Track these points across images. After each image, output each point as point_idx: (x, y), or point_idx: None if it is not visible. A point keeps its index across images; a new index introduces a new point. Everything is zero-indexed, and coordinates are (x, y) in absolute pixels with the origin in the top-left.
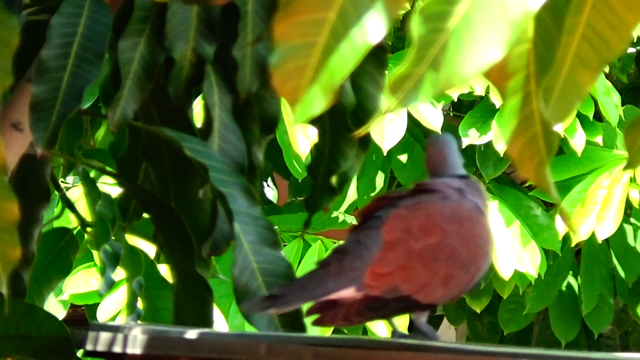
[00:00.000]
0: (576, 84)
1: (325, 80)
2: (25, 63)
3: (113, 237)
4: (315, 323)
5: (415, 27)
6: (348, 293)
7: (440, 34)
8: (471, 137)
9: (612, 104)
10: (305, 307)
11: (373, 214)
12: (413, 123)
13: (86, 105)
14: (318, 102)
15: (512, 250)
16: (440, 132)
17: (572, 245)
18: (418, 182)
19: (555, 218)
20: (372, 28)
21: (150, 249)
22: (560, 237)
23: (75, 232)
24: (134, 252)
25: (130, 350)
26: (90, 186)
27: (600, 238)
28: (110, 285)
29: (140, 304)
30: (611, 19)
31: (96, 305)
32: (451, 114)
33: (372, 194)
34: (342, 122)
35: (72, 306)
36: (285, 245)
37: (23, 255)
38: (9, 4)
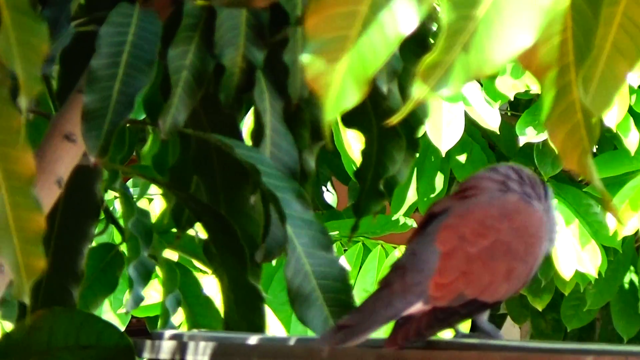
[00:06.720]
0: (614, 74)
1: (358, 72)
2: (75, 74)
3: (147, 254)
4: (389, 345)
5: (445, 14)
6: (416, 309)
7: (470, 21)
8: (528, 135)
9: None
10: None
11: (423, 227)
12: (470, 123)
13: (142, 117)
14: (351, 95)
15: (572, 250)
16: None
17: (619, 239)
18: (462, 182)
19: (607, 214)
20: (404, 19)
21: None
22: (612, 232)
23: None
24: (170, 268)
25: (191, 358)
26: (127, 202)
27: None
28: (139, 302)
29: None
30: None
31: (157, 317)
32: (509, 114)
33: (432, 195)
34: (390, 126)
35: (134, 317)
36: (345, 251)
37: (71, 271)
38: (57, 16)
